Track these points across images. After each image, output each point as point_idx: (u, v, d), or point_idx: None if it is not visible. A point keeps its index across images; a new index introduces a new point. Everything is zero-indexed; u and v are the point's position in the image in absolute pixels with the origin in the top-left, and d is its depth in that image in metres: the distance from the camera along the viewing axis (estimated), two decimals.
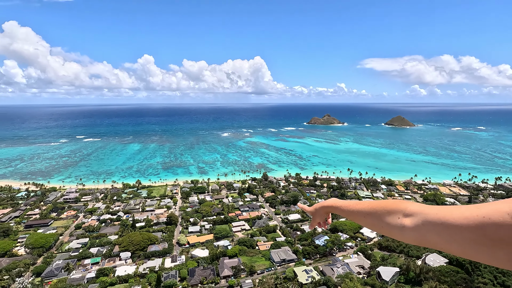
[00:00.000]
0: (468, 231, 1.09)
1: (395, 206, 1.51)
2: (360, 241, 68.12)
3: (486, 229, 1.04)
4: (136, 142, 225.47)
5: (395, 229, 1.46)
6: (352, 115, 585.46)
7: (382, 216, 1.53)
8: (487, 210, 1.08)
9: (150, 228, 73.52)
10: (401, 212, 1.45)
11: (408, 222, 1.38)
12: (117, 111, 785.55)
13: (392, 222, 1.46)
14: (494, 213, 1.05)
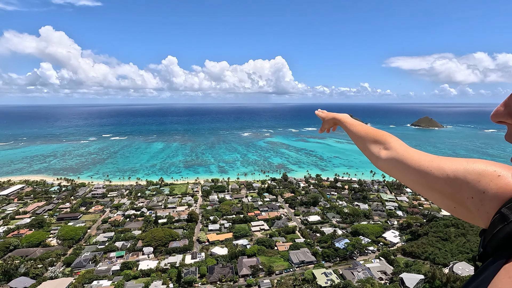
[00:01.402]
0: (418, 175, 1.32)
1: (382, 139, 1.71)
2: (382, 245, 65.99)
3: (428, 178, 1.27)
4: (160, 141, 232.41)
5: (373, 156, 1.72)
6: (376, 115, 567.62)
7: (369, 143, 1.76)
8: (436, 165, 1.30)
9: (171, 225, 75.51)
10: (383, 145, 1.67)
11: (383, 154, 1.61)
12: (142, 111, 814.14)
13: (374, 150, 1.70)
14: (438, 170, 1.25)
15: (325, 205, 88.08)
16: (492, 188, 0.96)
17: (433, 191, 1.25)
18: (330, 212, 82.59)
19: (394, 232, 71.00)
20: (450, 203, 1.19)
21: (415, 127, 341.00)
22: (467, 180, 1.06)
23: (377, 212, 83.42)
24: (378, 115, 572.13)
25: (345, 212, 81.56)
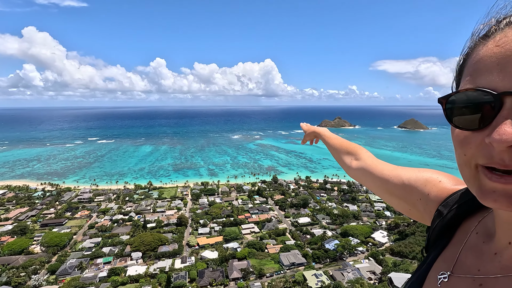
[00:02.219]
0: (380, 181, 1.52)
1: (354, 150, 1.94)
2: (371, 246, 66.89)
3: (389, 184, 1.46)
4: (148, 144, 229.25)
5: (345, 165, 1.95)
6: (364, 117, 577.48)
7: (343, 154, 2.00)
8: (395, 173, 1.46)
9: (160, 229, 74.40)
10: (354, 156, 1.89)
11: (354, 164, 1.82)
12: (130, 114, 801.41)
13: (346, 160, 1.93)
14: (396, 177, 1.42)
15: (315, 207, 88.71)
16: (434, 191, 1.17)
17: (392, 196, 1.44)
18: (320, 214, 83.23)
19: (383, 232, 72.14)
20: (405, 206, 1.36)
21: (401, 129, 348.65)
22: (416, 185, 1.26)
23: (366, 213, 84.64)
24: (366, 117, 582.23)
25: (335, 213, 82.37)
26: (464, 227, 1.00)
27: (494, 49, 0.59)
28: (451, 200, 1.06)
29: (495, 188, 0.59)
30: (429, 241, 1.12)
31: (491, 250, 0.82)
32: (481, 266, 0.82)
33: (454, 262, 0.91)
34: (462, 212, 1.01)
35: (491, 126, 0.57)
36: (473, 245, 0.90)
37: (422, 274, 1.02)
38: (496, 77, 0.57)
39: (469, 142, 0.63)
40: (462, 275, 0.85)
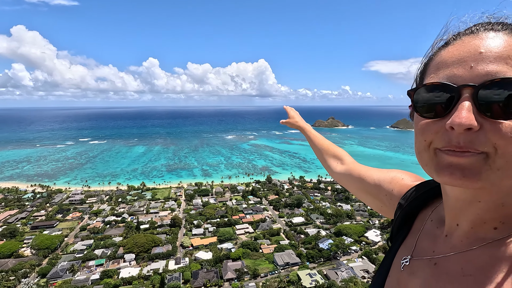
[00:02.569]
0: (358, 182, 1.67)
1: (340, 155, 2.03)
2: (364, 245, 67.45)
3: (364, 184, 1.61)
4: (141, 144, 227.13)
5: (330, 168, 2.03)
6: (357, 117, 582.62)
7: (329, 157, 2.06)
8: (369, 174, 1.63)
9: (154, 230, 73.77)
10: (340, 161, 1.98)
11: (339, 168, 1.93)
12: (122, 114, 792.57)
13: (332, 164, 2.01)
14: (370, 177, 1.58)
15: (309, 207, 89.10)
16: (397, 187, 1.34)
17: (368, 194, 1.59)
18: (314, 213, 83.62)
19: (376, 231, 72.82)
20: (378, 203, 1.51)
21: (394, 129, 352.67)
22: (384, 183, 1.43)
23: (359, 212, 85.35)
24: (359, 118, 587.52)
25: (329, 213, 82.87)
26: (421, 217, 1.12)
27: (454, 52, 0.73)
28: (410, 194, 1.20)
29: (451, 162, 0.67)
30: (392, 232, 1.25)
31: (443, 233, 0.93)
32: (435, 248, 0.93)
33: (413, 248, 1.02)
34: (419, 204, 1.15)
35: (451, 113, 0.67)
36: (429, 231, 1.02)
37: (388, 262, 1.13)
38: (455, 73, 0.69)
39: (430, 129, 0.72)
40: (420, 257, 0.96)
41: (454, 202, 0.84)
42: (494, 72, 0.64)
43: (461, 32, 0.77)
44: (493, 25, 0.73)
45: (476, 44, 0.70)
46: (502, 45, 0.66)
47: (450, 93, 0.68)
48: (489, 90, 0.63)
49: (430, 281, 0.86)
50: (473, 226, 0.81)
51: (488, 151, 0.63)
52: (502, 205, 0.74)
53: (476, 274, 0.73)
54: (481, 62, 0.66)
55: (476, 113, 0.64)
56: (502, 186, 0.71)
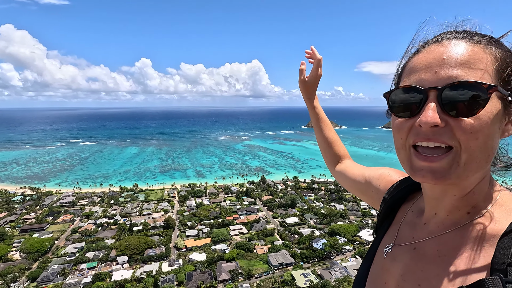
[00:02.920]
0: (352, 181, 1.76)
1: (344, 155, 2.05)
2: (358, 244, 67.96)
3: (356, 182, 1.71)
4: (134, 145, 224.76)
5: (331, 164, 2.04)
6: (350, 118, 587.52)
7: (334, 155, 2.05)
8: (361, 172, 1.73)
9: (147, 232, 73.03)
10: (342, 159, 2.01)
11: (339, 167, 1.97)
12: (115, 115, 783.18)
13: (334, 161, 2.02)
14: (361, 176, 1.69)
15: (302, 207, 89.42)
16: (383, 183, 1.45)
17: (359, 192, 1.70)
18: (308, 213, 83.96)
19: (369, 230, 73.40)
20: (369, 200, 1.62)
21: (386, 129, 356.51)
22: (373, 180, 1.54)
23: (352, 212, 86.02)
24: (352, 118, 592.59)
25: (322, 213, 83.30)
26: (403, 209, 1.24)
27: (422, 58, 0.84)
28: (393, 188, 1.33)
29: (422, 166, 0.79)
30: (377, 224, 1.37)
31: (422, 221, 1.05)
32: (415, 235, 1.04)
33: (395, 236, 1.14)
34: (401, 197, 1.27)
35: (420, 113, 0.78)
36: (409, 221, 1.13)
37: (373, 252, 1.24)
38: (423, 77, 0.80)
39: (404, 127, 0.84)
40: (401, 244, 1.07)
41: (431, 195, 0.95)
42: (454, 76, 0.74)
43: (429, 41, 0.89)
44: (455, 34, 0.84)
45: (440, 51, 0.80)
46: (462, 52, 0.77)
47: (419, 95, 0.79)
48: (451, 92, 0.73)
49: (410, 264, 0.97)
50: (449, 214, 0.91)
51: (454, 145, 0.74)
52: (473, 193, 0.86)
53: (450, 254, 0.84)
54: (443, 68, 0.77)
55: (441, 112, 0.75)
56: (471, 178, 0.82)
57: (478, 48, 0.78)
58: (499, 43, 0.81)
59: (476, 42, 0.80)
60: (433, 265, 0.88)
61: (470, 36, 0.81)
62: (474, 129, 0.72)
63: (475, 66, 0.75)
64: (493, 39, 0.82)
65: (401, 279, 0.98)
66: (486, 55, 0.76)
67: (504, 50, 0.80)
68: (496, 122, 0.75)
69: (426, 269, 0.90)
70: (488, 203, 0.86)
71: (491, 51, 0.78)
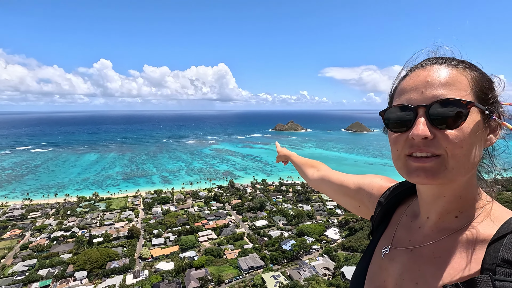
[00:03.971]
0: (337, 186, 1.86)
1: (316, 164, 2.33)
2: (325, 243, 70.29)
3: (343, 186, 1.80)
4: (93, 151, 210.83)
5: (307, 177, 2.30)
6: (315, 121, 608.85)
7: (307, 168, 2.35)
8: (348, 177, 1.83)
9: (109, 244, 68.70)
10: (316, 168, 2.26)
11: (316, 175, 2.18)
12: (70, 119, 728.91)
13: (309, 172, 2.29)
14: (349, 181, 1.79)
15: (271, 209, 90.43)
16: (376, 187, 1.55)
17: (346, 196, 1.78)
18: (277, 216, 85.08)
19: (335, 229, 76.39)
20: (355, 203, 1.71)
21: (348, 132, 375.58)
22: (364, 185, 1.64)
23: (319, 212, 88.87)
24: (316, 121, 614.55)
25: (290, 214, 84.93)
26: (398, 212, 1.36)
27: (410, 81, 0.99)
28: (388, 193, 1.44)
29: (417, 167, 0.91)
30: (373, 226, 1.46)
31: (417, 225, 1.16)
32: (411, 238, 1.15)
33: (392, 238, 1.25)
34: (396, 201, 1.39)
35: (412, 127, 0.92)
36: (405, 224, 1.24)
37: (370, 252, 1.35)
38: (412, 97, 0.95)
39: (400, 140, 0.97)
40: (399, 246, 1.18)
41: (425, 198, 1.07)
42: (438, 95, 0.90)
43: (414, 66, 1.04)
44: (436, 60, 1.00)
45: (424, 75, 0.96)
46: (443, 75, 0.93)
47: (410, 112, 0.93)
48: (436, 108, 0.88)
49: (408, 264, 1.08)
50: (440, 217, 1.04)
51: (442, 154, 0.88)
52: (460, 197, 0.99)
53: (445, 255, 0.97)
54: (428, 88, 0.92)
55: (430, 126, 0.89)
56: (458, 182, 0.96)
57: (456, 71, 0.94)
58: (472, 66, 0.97)
59: (454, 66, 0.96)
60: (429, 265, 0.99)
61: (448, 61, 0.97)
62: (458, 138, 0.87)
63: (455, 86, 0.90)
64: (467, 63, 0.98)
65: (399, 278, 1.09)
66: (463, 77, 0.93)
67: (478, 71, 0.96)
68: (478, 133, 0.90)
69: (423, 269, 1.01)
70: (475, 209, 0.99)
71: (467, 73, 0.94)
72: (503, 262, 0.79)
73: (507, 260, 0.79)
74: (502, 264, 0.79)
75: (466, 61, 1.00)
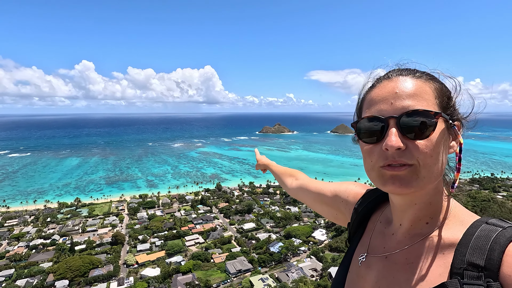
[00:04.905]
0: (315, 194, 1.88)
1: (294, 173, 2.35)
2: (312, 244, 70.83)
3: (321, 195, 1.82)
4: (74, 156, 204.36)
5: (286, 186, 2.32)
6: (301, 123, 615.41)
7: (286, 177, 2.39)
8: (325, 185, 1.86)
9: (92, 251, 66.58)
10: (294, 177, 2.28)
11: (294, 184, 2.21)
12: (51, 122, 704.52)
13: (288, 181, 2.31)
14: (327, 189, 1.80)
15: (259, 212, 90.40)
16: (351, 194, 1.58)
17: (323, 204, 1.80)
18: (264, 218, 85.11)
19: (322, 230, 77.17)
20: (333, 211, 1.73)
21: (333, 134, 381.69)
22: (340, 193, 1.67)
23: (306, 213, 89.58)
24: (303, 123, 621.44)
25: (278, 216, 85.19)
26: (373, 219, 1.39)
27: (378, 92, 1.02)
28: (363, 200, 1.47)
29: (391, 175, 0.94)
30: (350, 233, 1.48)
31: (390, 232, 1.20)
32: (385, 244, 1.18)
33: (368, 245, 1.27)
34: (371, 208, 1.41)
35: (384, 138, 0.94)
36: (379, 231, 1.28)
37: (348, 259, 1.36)
38: (382, 108, 0.98)
39: (373, 152, 0.99)
40: (374, 254, 1.21)
41: (398, 206, 1.11)
42: (407, 106, 0.93)
43: (381, 77, 1.09)
44: (401, 71, 1.04)
45: (392, 86, 1.00)
46: (410, 86, 0.97)
47: (381, 123, 0.96)
48: (406, 119, 0.91)
49: (383, 271, 1.11)
50: (412, 224, 1.08)
51: (414, 163, 0.91)
52: (430, 204, 1.03)
53: (417, 261, 1.01)
54: (397, 99, 0.95)
55: (401, 136, 0.92)
56: (428, 190, 1.00)
57: (420, 82, 0.98)
58: (434, 77, 1.03)
59: (418, 77, 1.00)
60: (403, 272, 1.03)
61: (413, 73, 1.02)
62: (428, 148, 0.90)
63: (422, 97, 0.94)
64: (429, 74, 1.03)
65: (376, 285, 1.11)
66: (427, 87, 0.97)
67: (439, 82, 1.02)
68: (444, 142, 0.95)
69: (397, 276, 1.04)
70: (444, 215, 1.04)
71: (430, 84, 0.99)
72: (469, 265, 0.83)
73: (473, 263, 0.82)
74: (469, 268, 0.82)
75: (427, 72, 1.04)
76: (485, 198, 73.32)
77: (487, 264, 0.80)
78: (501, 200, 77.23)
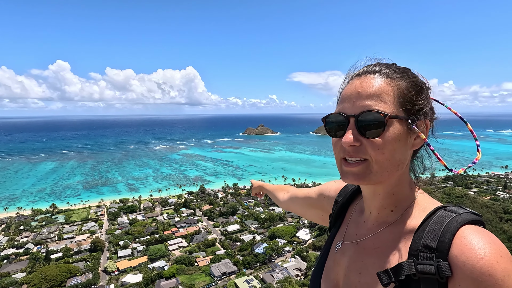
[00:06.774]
0: (303, 199, 1.99)
1: (286, 188, 2.47)
2: (296, 244, 71.50)
3: (308, 198, 1.92)
4: (49, 160, 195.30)
5: (279, 200, 2.44)
6: (284, 125, 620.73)
7: (278, 192, 2.49)
8: (311, 189, 1.96)
9: (69, 259, 63.82)
10: (286, 191, 2.39)
11: (286, 196, 2.31)
12: (23, 125, 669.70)
13: (279, 196, 2.43)
14: (313, 192, 1.89)
15: (243, 213, 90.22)
16: (332, 189, 1.69)
17: (311, 208, 1.91)
18: (249, 219, 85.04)
19: (306, 230, 78.10)
20: (319, 212, 1.82)
21: (316, 134, 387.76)
22: (323, 191, 1.77)
23: (290, 213, 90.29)
24: (286, 125, 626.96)
25: (262, 217, 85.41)
26: (350, 209, 1.48)
27: (347, 90, 1.09)
28: (342, 192, 1.57)
29: (347, 170, 1.05)
30: (330, 224, 1.58)
31: (362, 220, 1.30)
32: (358, 232, 1.28)
33: (344, 234, 1.37)
34: (349, 198, 1.51)
35: (344, 134, 1.03)
36: (354, 220, 1.38)
37: (327, 248, 1.46)
38: (346, 106, 1.06)
39: (337, 145, 1.09)
40: (348, 241, 1.31)
41: (366, 195, 1.22)
42: (366, 106, 1.00)
43: (353, 74, 1.14)
44: (369, 70, 1.09)
45: (357, 85, 1.06)
46: (372, 86, 1.02)
47: (343, 120, 1.05)
48: (363, 118, 0.99)
49: (354, 256, 1.21)
50: (378, 212, 1.18)
51: (367, 158, 1.01)
52: (393, 194, 1.13)
53: (382, 246, 1.11)
54: (359, 99, 1.02)
55: (357, 134, 1.00)
56: (391, 181, 1.09)
57: (385, 82, 1.03)
58: (401, 76, 1.06)
59: (385, 76, 1.05)
60: (370, 256, 1.14)
61: (379, 72, 1.06)
62: (380, 146, 0.98)
63: (380, 98, 1.00)
64: (399, 71, 1.07)
65: (347, 269, 1.21)
66: (390, 88, 1.02)
67: (407, 80, 1.06)
68: (401, 140, 1.01)
69: (365, 260, 1.15)
70: (408, 203, 1.12)
71: (395, 83, 1.03)
72: (424, 247, 0.92)
73: (427, 245, 0.91)
74: (424, 250, 0.92)
75: (399, 68, 1.09)
76: (459, 195, 77.35)
77: (439, 246, 0.89)
78: (473, 196, 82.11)
